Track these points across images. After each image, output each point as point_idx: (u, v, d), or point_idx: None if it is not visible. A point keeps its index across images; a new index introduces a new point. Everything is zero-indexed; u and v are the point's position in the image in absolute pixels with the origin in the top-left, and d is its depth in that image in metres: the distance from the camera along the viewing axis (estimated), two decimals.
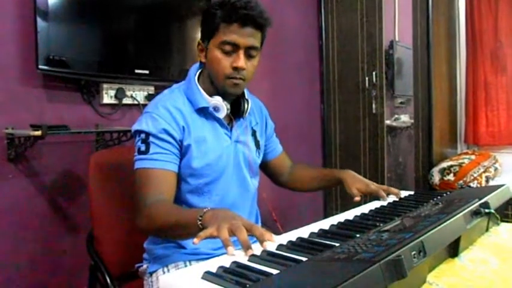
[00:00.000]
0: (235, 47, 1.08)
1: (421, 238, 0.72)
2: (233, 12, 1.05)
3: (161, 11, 1.88)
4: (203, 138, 1.14)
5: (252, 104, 1.25)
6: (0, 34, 1.48)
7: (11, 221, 1.52)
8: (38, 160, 1.59)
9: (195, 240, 0.81)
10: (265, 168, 1.42)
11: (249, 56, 1.11)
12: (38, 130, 1.40)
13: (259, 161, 1.30)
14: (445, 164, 2.72)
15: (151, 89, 1.89)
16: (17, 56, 1.52)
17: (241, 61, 1.08)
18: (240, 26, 1.06)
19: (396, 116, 3.33)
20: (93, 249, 1.31)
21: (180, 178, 1.14)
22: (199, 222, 0.87)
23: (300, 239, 0.88)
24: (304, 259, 0.73)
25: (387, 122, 2.83)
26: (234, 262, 0.74)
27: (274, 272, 0.68)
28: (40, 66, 1.48)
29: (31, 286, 1.57)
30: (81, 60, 1.59)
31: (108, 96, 1.76)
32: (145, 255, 1.24)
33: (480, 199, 1.00)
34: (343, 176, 1.32)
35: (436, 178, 2.69)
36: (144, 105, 1.78)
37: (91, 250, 1.31)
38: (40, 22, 1.46)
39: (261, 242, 0.82)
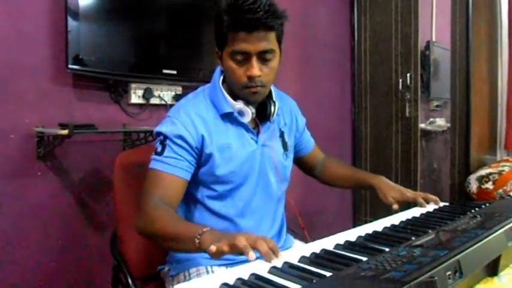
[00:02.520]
0: (246, 55, 1.02)
1: (457, 257, 0.66)
2: (238, 19, 0.98)
3: (190, 11, 1.88)
4: (227, 145, 1.11)
5: (280, 103, 1.21)
6: (31, 34, 1.51)
7: (38, 217, 1.55)
8: (65, 158, 1.61)
9: (213, 258, 0.80)
10: (298, 163, 1.41)
11: (263, 60, 1.04)
12: (65, 129, 1.42)
13: (287, 164, 1.26)
14: (483, 172, 2.57)
15: (178, 89, 1.89)
16: (47, 55, 1.54)
17: (255, 69, 1.02)
18: (247, 33, 0.99)
19: (431, 119, 3.21)
20: (116, 249, 1.31)
21: (201, 184, 1.12)
22: (197, 240, 0.85)
23: (324, 251, 0.84)
24: (327, 274, 0.69)
25: (421, 125, 2.72)
26: (253, 274, 0.71)
27: (295, 287, 0.65)
28: (70, 66, 1.50)
29: (54, 283, 1.59)
30: (110, 60, 1.61)
31: (136, 96, 1.77)
32: (167, 258, 1.23)
33: None
34: (377, 184, 1.27)
35: (473, 186, 2.55)
36: (172, 106, 1.78)
37: (114, 250, 1.31)
38: (71, 22, 1.48)
39: (267, 259, 0.78)
